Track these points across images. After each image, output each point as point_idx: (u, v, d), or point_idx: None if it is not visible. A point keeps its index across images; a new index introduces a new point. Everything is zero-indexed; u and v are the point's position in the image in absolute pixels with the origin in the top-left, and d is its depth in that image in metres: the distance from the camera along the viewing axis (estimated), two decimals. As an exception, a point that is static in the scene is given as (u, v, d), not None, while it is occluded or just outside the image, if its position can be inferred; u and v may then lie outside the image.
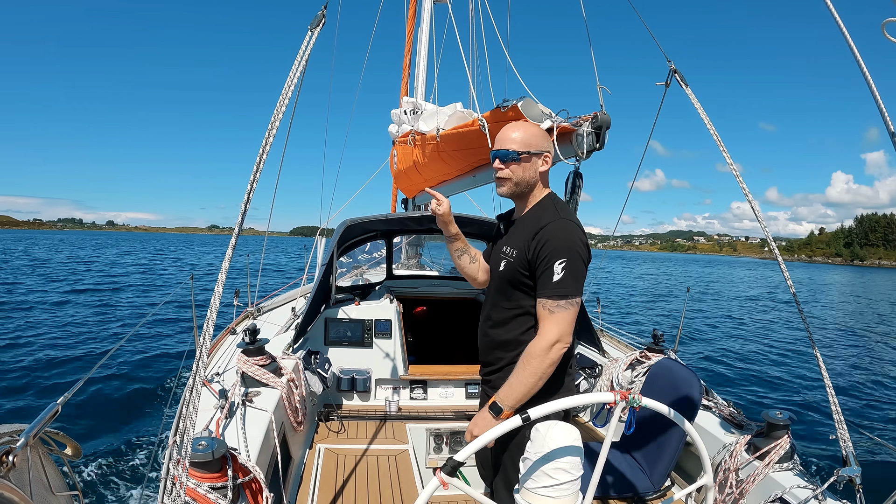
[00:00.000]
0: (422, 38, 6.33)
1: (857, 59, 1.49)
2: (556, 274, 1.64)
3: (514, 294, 1.81)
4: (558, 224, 1.70)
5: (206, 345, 1.38)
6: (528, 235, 1.74)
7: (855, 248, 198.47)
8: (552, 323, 1.66)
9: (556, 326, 1.65)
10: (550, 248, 1.66)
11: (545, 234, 1.68)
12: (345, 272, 5.57)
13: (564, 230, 1.69)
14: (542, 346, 1.64)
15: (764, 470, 2.05)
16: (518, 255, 1.77)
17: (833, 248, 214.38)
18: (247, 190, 1.54)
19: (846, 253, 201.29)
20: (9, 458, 1.02)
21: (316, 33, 1.98)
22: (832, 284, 47.44)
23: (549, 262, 1.66)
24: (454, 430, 3.26)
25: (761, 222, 2.16)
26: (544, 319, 1.68)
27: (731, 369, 10.00)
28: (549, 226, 1.70)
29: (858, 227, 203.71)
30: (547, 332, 1.66)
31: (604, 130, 2.27)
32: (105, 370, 7.31)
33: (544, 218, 1.76)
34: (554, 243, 1.66)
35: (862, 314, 22.13)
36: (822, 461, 5.54)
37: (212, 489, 1.51)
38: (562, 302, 1.65)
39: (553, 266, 1.65)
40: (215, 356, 3.14)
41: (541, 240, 1.69)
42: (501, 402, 1.69)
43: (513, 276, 1.79)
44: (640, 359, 3.23)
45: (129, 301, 15.41)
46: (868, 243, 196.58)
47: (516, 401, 1.67)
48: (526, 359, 1.67)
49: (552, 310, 1.66)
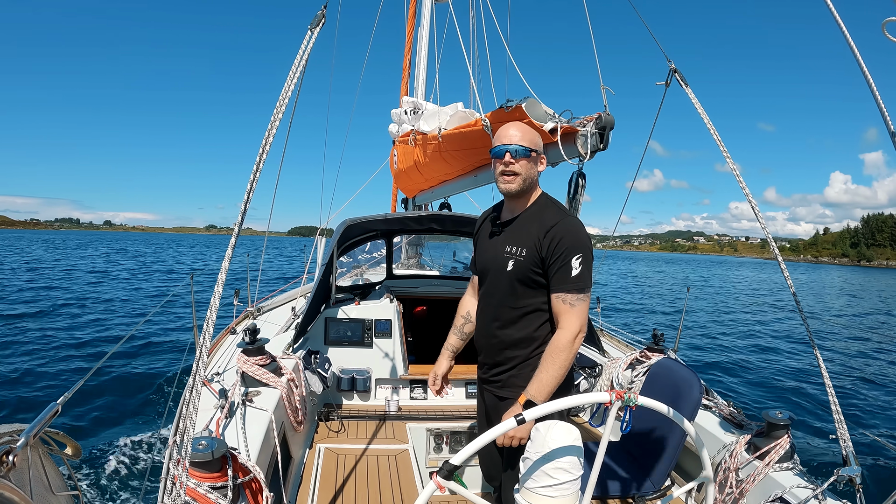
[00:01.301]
0: (422, 38, 6.33)
1: (857, 59, 1.48)
2: (575, 269, 1.73)
3: (525, 292, 1.85)
4: (570, 221, 1.79)
5: (206, 344, 1.38)
6: (538, 234, 1.79)
7: (862, 248, 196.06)
8: (574, 315, 1.74)
9: (577, 319, 1.74)
10: (567, 244, 1.74)
11: (559, 232, 1.75)
12: (345, 272, 5.57)
13: (577, 227, 1.78)
14: (569, 339, 1.73)
15: (764, 470, 2.05)
16: (528, 253, 1.81)
17: (839, 248, 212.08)
18: (247, 190, 1.54)
19: (853, 253, 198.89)
20: (9, 457, 1.02)
21: (316, 33, 1.98)
22: (844, 288, 44.10)
23: (567, 257, 1.73)
24: (454, 430, 3.26)
25: (761, 222, 2.16)
26: (566, 313, 1.75)
27: (732, 369, 10.01)
28: (561, 223, 1.77)
29: (865, 227, 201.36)
30: (570, 325, 1.74)
31: (607, 131, 2.27)
32: (105, 370, 7.31)
33: (549, 216, 1.81)
34: (570, 240, 1.74)
35: (869, 316, 21.82)
36: (822, 461, 5.54)
37: (212, 489, 1.51)
38: (581, 295, 1.75)
39: (571, 261, 1.73)
40: (215, 356, 3.15)
41: (555, 237, 1.75)
42: (536, 399, 1.73)
43: (524, 275, 1.83)
44: (640, 358, 3.23)
45: (129, 301, 15.42)
46: (875, 243, 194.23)
47: (548, 395, 1.74)
48: (554, 353, 1.74)
49: (573, 303, 1.74)
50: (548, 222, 1.79)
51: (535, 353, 1.87)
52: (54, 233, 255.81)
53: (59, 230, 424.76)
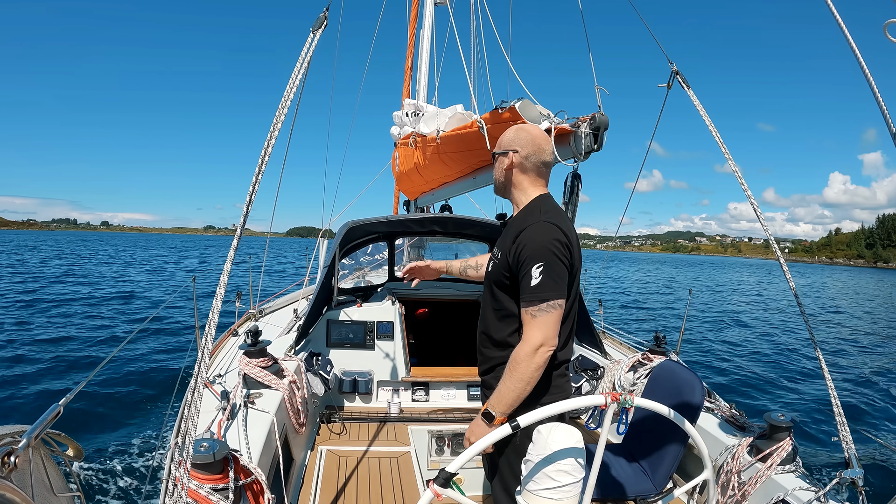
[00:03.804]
0: (423, 40, 6.34)
1: (858, 60, 1.48)
2: (535, 278, 1.63)
3: (500, 296, 1.81)
4: (536, 227, 1.69)
5: (207, 346, 1.38)
6: (511, 239, 1.73)
7: (878, 249, 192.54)
8: (534, 327, 1.64)
9: (538, 331, 1.63)
10: (527, 252, 1.65)
11: (523, 239, 1.67)
12: (347, 274, 5.57)
13: (541, 233, 1.67)
14: (527, 351, 1.63)
15: (766, 472, 2.04)
16: (502, 258, 1.77)
17: (854, 249, 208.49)
18: (249, 192, 1.54)
19: (868, 254, 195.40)
20: (11, 458, 1.02)
21: (318, 35, 1.98)
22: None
23: (528, 266, 1.65)
24: (456, 432, 3.25)
25: (763, 223, 2.15)
26: (527, 324, 1.66)
27: (734, 371, 9.98)
28: (527, 230, 1.69)
29: (880, 227, 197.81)
30: (530, 337, 1.64)
31: (602, 132, 2.26)
32: (107, 372, 7.32)
33: (527, 221, 1.73)
34: (530, 247, 1.65)
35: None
36: (824, 463, 5.52)
37: (213, 490, 1.51)
38: (542, 305, 1.63)
39: (531, 270, 1.64)
40: (217, 358, 3.15)
41: (519, 244, 1.68)
42: (493, 409, 1.68)
43: (497, 279, 1.79)
44: (642, 361, 3.22)
45: (127, 302, 15.44)
46: (891, 244, 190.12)
47: (507, 406, 1.66)
48: (512, 364, 1.66)
49: (534, 314, 1.64)
50: (519, 228, 1.73)
51: (507, 357, 1.79)
52: (48, 233, 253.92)
53: (54, 231, 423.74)
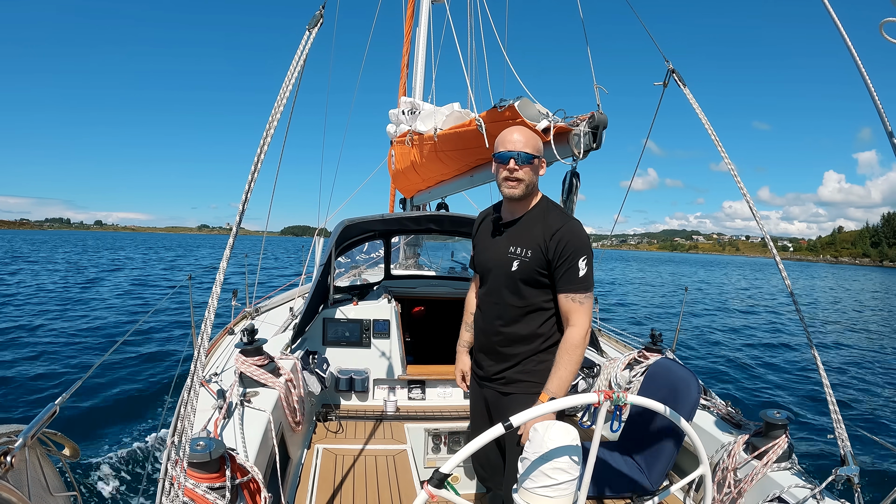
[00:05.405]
0: (420, 38, 6.33)
1: (854, 59, 1.49)
2: (581, 270, 1.83)
3: (528, 291, 1.92)
4: (574, 224, 1.88)
5: (203, 345, 1.38)
6: (543, 236, 1.86)
7: (883, 247, 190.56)
8: (583, 314, 1.84)
9: (586, 317, 1.85)
10: (574, 246, 1.83)
11: (565, 235, 1.83)
12: (343, 272, 5.56)
13: (580, 230, 1.88)
14: (581, 335, 1.83)
15: (762, 469, 2.05)
16: (534, 254, 1.87)
17: (860, 247, 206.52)
18: (245, 190, 1.54)
19: (874, 253, 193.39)
20: (7, 458, 1.02)
21: (314, 33, 1.98)
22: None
23: (574, 259, 1.83)
24: (452, 431, 3.26)
25: (759, 222, 2.16)
26: (575, 311, 1.85)
27: (730, 369, 10.02)
28: (566, 226, 1.86)
29: (886, 225, 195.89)
30: (581, 322, 1.84)
31: (600, 130, 2.27)
32: (103, 371, 7.29)
33: (553, 218, 1.89)
34: (576, 242, 1.83)
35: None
36: (820, 460, 5.55)
37: (210, 489, 1.51)
38: (588, 294, 1.86)
39: (578, 263, 1.83)
40: (213, 356, 3.14)
41: (561, 240, 1.83)
42: (557, 395, 1.79)
43: (528, 276, 1.90)
44: (638, 358, 3.23)
45: (126, 302, 15.38)
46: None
47: (565, 390, 1.83)
48: (570, 349, 1.82)
49: (582, 301, 1.84)
50: (553, 225, 1.87)
51: (539, 348, 1.96)
52: (41, 233, 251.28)
53: (47, 230, 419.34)
